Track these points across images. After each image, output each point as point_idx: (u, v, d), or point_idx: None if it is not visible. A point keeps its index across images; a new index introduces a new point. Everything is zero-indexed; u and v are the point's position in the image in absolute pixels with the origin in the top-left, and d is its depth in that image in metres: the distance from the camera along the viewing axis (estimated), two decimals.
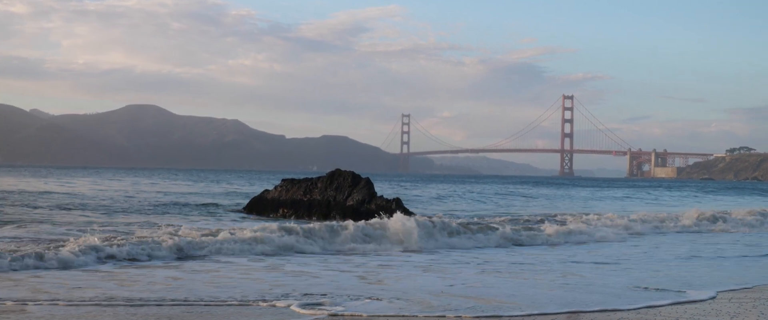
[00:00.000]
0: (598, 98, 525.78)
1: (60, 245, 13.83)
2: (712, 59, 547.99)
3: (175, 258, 14.14)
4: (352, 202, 26.54)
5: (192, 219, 25.85)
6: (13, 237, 16.91)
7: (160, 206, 32.50)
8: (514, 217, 28.66)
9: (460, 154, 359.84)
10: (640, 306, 10.03)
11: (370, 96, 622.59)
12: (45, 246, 13.79)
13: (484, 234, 19.62)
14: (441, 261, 15.22)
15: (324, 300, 9.91)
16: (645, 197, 65.46)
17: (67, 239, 15.14)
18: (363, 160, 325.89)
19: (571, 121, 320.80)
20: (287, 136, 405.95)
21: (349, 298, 10.14)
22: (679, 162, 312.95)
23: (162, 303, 9.55)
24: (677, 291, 11.43)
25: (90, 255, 13.24)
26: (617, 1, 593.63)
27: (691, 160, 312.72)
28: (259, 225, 17.29)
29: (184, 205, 33.64)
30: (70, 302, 9.50)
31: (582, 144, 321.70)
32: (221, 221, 25.22)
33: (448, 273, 13.11)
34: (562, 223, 23.98)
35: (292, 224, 17.71)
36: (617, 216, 27.10)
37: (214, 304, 9.61)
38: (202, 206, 33.34)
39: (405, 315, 9.14)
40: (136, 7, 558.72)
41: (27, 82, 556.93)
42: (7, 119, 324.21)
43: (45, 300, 9.60)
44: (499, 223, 22.81)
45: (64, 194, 39.93)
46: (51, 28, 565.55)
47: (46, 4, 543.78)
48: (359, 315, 9.07)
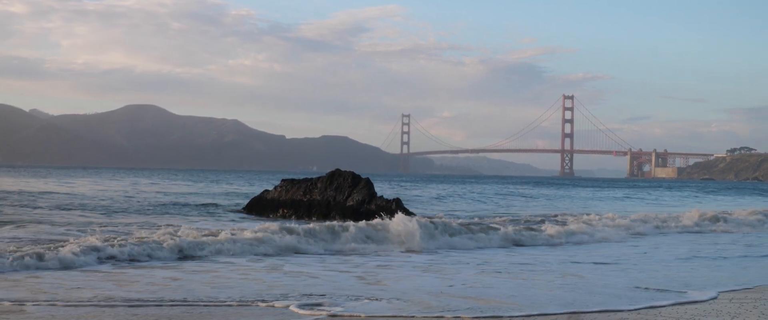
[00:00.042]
0: (599, 98, 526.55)
1: (59, 245, 13.79)
2: (712, 59, 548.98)
3: (174, 258, 14.12)
4: (352, 203, 26.50)
5: (191, 219, 25.82)
6: (13, 237, 16.85)
7: (160, 206, 32.47)
8: (515, 218, 28.61)
9: (460, 154, 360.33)
10: (640, 307, 10.01)
11: (370, 96, 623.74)
12: (44, 247, 13.74)
13: (486, 235, 19.60)
14: (440, 261, 15.19)
15: (323, 301, 9.89)
16: (645, 197, 65.39)
17: (67, 239, 15.11)
18: (363, 160, 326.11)
19: (571, 121, 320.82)
20: (287, 136, 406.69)
21: (348, 299, 10.12)
22: (679, 162, 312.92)
23: (161, 304, 9.54)
24: (678, 292, 11.41)
25: (89, 255, 13.22)
26: (617, 1, 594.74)
27: (692, 160, 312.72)
28: (259, 226, 17.24)
29: (184, 205, 33.61)
30: (68, 302, 9.49)
31: (582, 144, 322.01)
32: (221, 221, 25.19)
33: (448, 274, 13.08)
34: (562, 224, 23.93)
35: (293, 224, 17.69)
36: (618, 217, 27.04)
37: (213, 304, 9.59)
38: (202, 206, 33.31)
39: (403, 316, 9.12)
40: (135, 7, 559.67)
41: (27, 82, 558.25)
42: (6, 119, 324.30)
43: (44, 300, 9.57)
44: (500, 224, 22.76)
45: (63, 194, 39.91)
46: (51, 28, 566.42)
47: (46, 4, 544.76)
48: (358, 316, 9.04)
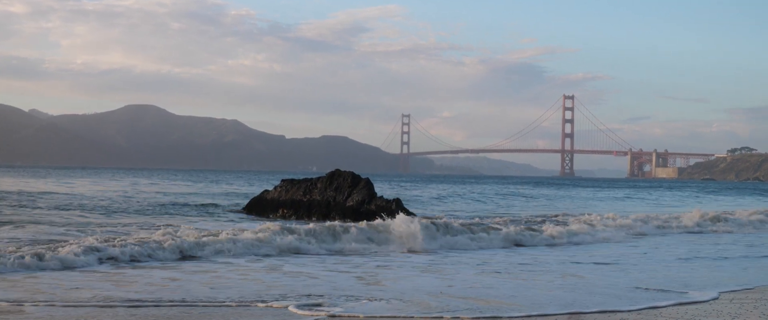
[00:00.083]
0: (599, 98, 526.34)
1: (59, 246, 13.76)
2: (712, 59, 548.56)
3: (174, 259, 14.08)
4: (351, 203, 26.47)
5: (191, 219, 25.79)
6: (12, 237, 16.82)
7: (159, 206, 32.44)
8: (515, 218, 28.57)
9: (461, 154, 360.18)
10: (641, 307, 9.98)
11: (369, 96, 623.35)
12: (44, 247, 13.70)
13: (487, 235, 19.56)
14: (440, 261, 15.15)
15: (322, 301, 9.86)
16: (646, 197, 65.36)
17: (66, 240, 15.09)
18: (363, 160, 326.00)
19: (571, 121, 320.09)
20: (287, 136, 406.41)
21: (347, 299, 10.08)
22: (680, 162, 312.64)
23: (160, 304, 9.52)
24: (679, 292, 11.38)
25: (89, 255, 13.18)
26: (617, 1, 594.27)
27: (692, 161, 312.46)
28: (260, 226, 17.17)
29: (183, 206, 33.59)
30: (67, 303, 9.46)
31: (582, 144, 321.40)
32: (220, 222, 25.17)
33: (448, 274, 13.05)
34: (563, 224, 23.90)
35: (294, 225, 17.65)
36: (618, 217, 27.00)
37: (213, 305, 9.57)
38: (201, 206, 33.28)
39: (403, 316, 9.08)
40: (134, 7, 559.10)
41: (26, 82, 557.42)
42: (5, 119, 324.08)
43: (42, 301, 9.54)
44: (501, 224, 22.73)
45: (63, 194, 39.88)
46: (50, 28, 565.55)
47: (45, 4, 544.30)
48: (356, 316, 9.01)
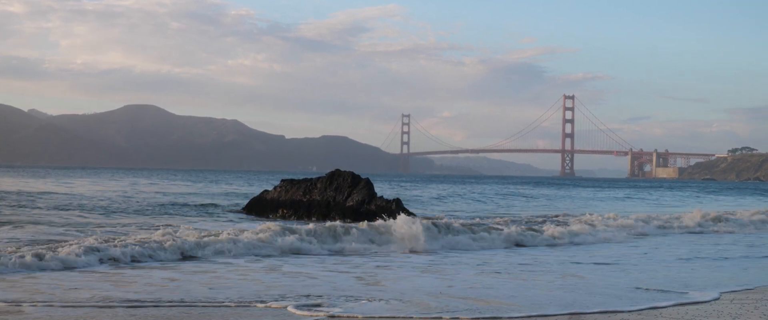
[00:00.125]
0: (599, 98, 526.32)
1: (58, 246, 13.74)
2: (712, 59, 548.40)
3: (173, 259, 14.05)
4: (351, 203, 26.44)
5: (190, 219, 25.76)
6: (11, 238, 16.79)
7: (159, 206, 32.41)
8: (515, 218, 28.54)
9: (461, 155, 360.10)
10: (641, 308, 9.94)
11: (369, 96, 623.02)
12: (44, 247, 13.67)
13: (488, 235, 19.52)
14: (440, 261, 15.12)
15: (321, 301, 9.83)
16: (646, 197, 65.34)
17: (66, 240, 15.07)
18: (363, 160, 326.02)
19: (571, 121, 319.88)
20: (287, 136, 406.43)
21: (347, 299, 10.05)
22: (680, 162, 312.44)
23: (159, 304, 9.49)
24: (679, 292, 11.34)
25: (88, 256, 13.14)
26: (617, 1, 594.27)
27: (693, 161, 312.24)
28: (260, 226, 17.12)
29: (183, 206, 33.55)
30: (66, 303, 9.43)
31: (583, 144, 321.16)
32: (219, 222, 25.14)
33: (448, 274, 13.02)
34: (563, 224, 23.87)
35: (295, 225, 17.61)
36: (619, 217, 26.97)
37: (212, 305, 9.54)
38: (201, 207, 33.24)
39: (402, 316, 9.05)
40: (134, 7, 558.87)
41: (25, 82, 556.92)
42: (5, 119, 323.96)
43: (41, 301, 9.51)
44: (502, 224, 22.71)
45: (62, 194, 39.85)
46: (49, 28, 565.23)
47: (45, 4, 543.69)
48: (355, 317, 8.98)
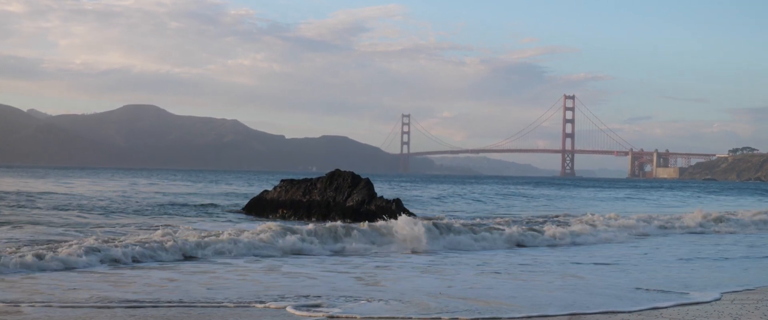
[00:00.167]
0: (599, 98, 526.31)
1: (58, 246, 13.72)
2: (712, 59, 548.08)
3: (173, 259, 14.01)
4: (351, 203, 26.40)
5: (190, 219, 25.72)
6: (10, 238, 16.75)
7: (158, 207, 32.36)
8: (516, 218, 28.51)
9: (461, 155, 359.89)
10: (642, 308, 9.90)
11: (370, 96, 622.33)
12: (43, 248, 13.65)
13: (490, 235, 19.49)
14: (440, 262, 15.09)
15: (320, 302, 9.80)
16: (647, 198, 65.31)
17: (65, 240, 15.04)
18: (363, 160, 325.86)
19: (572, 121, 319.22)
20: (286, 137, 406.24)
21: (346, 300, 10.02)
22: (681, 162, 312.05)
23: (158, 305, 9.47)
24: (680, 293, 11.30)
25: (87, 256, 13.11)
26: (617, 1, 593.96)
27: (694, 161, 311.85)
28: (261, 227, 17.09)
29: (182, 206, 33.51)
30: (65, 304, 9.40)
31: (583, 144, 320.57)
32: (220, 222, 25.10)
33: (447, 275, 12.98)
34: (564, 224, 23.84)
35: (295, 226, 17.56)
36: (620, 217, 26.91)
37: (211, 306, 9.52)
38: (201, 207, 33.20)
39: (401, 317, 9.02)
40: (134, 7, 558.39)
41: (24, 82, 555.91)
42: (4, 119, 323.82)
43: (40, 301, 9.49)
44: (503, 224, 22.69)
45: (61, 194, 39.81)
46: (48, 28, 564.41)
47: (44, 4, 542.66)
48: (354, 317, 8.96)
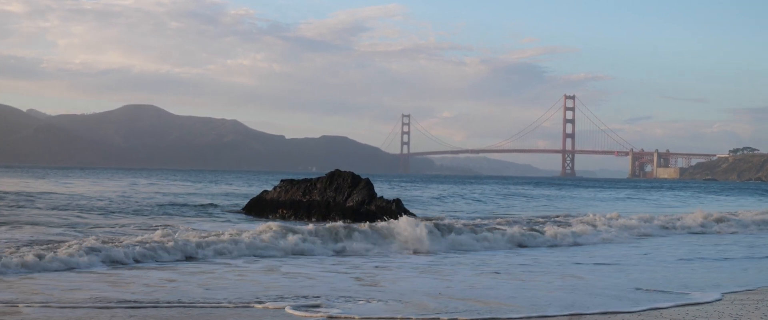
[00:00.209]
0: (600, 98, 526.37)
1: (58, 247, 13.70)
2: (712, 59, 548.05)
3: (172, 260, 13.98)
4: (351, 203, 26.37)
5: (189, 220, 25.69)
6: (9, 238, 16.72)
7: (158, 207, 32.32)
8: (516, 219, 28.47)
9: (461, 155, 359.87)
10: (642, 309, 9.87)
11: (370, 96, 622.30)
12: (42, 248, 13.63)
13: (491, 234, 19.47)
14: (440, 262, 15.06)
15: (319, 302, 9.78)
16: (647, 198, 65.28)
17: (64, 240, 15.03)
18: (363, 160, 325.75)
19: (572, 121, 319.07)
20: (286, 137, 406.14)
21: (345, 300, 10.00)
22: (681, 162, 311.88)
23: (157, 305, 9.46)
24: (681, 293, 11.27)
25: (86, 256, 13.08)
26: (617, 1, 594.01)
27: (694, 161, 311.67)
28: (261, 227, 17.06)
29: (182, 206, 33.47)
30: (63, 304, 9.38)
31: (584, 144, 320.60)
32: (219, 222, 25.07)
33: (447, 275, 12.96)
34: (565, 225, 23.81)
35: (296, 226, 17.53)
36: (621, 218, 26.87)
37: (210, 306, 9.50)
38: (200, 207, 33.16)
39: (399, 317, 8.99)
40: (133, 6, 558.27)
41: (24, 82, 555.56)
42: (4, 119, 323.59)
43: (38, 302, 9.46)
44: (503, 225, 22.66)
45: (61, 195, 39.76)
46: (48, 28, 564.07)
47: (43, 3, 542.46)
48: (353, 317, 8.94)
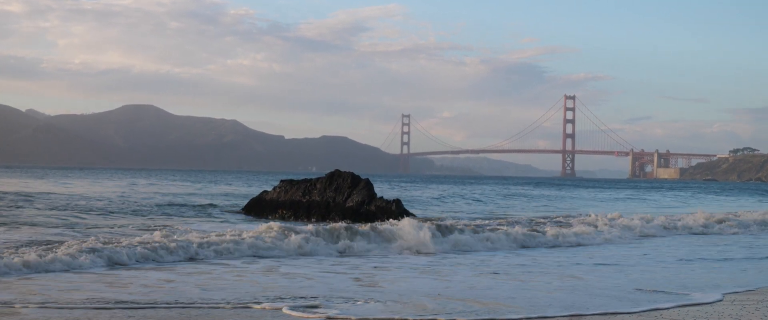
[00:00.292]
0: (600, 98, 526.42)
1: (55, 247, 13.67)
2: (712, 59, 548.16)
3: (171, 260, 13.94)
4: (351, 203, 26.34)
5: (188, 220, 25.64)
6: (8, 239, 16.68)
7: (157, 207, 32.28)
8: (517, 219, 28.43)
9: (461, 155, 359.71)
10: (643, 309, 9.84)
11: (370, 96, 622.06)
12: (42, 248, 13.60)
13: (493, 234, 19.44)
14: (439, 263, 15.02)
15: (317, 303, 9.75)
16: (647, 198, 65.27)
17: (63, 241, 14.99)
18: (363, 160, 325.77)
19: (572, 121, 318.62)
20: (286, 137, 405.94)
21: (343, 301, 9.97)
22: (681, 163, 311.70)
23: (155, 306, 9.43)
24: (681, 294, 11.24)
25: (85, 257, 13.04)
26: (617, 1, 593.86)
27: (694, 161, 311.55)
28: (261, 227, 17.02)
29: (181, 206, 33.43)
30: (61, 304, 9.35)
31: (584, 144, 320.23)
32: (218, 223, 25.03)
33: (446, 276, 12.92)
34: (566, 225, 23.79)
35: (296, 227, 17.50)
36: (621, 218, 26.84)
37: (208, 307, 9.48)
38: (200, 207, 33.11)
39: (398, 318, 8.96)
40: (133, 6, 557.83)
41: (23, 81, 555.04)
42: (3, 119, 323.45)
43: (35, 302, 9.43)
44: (504, 225, 22.63)
45: (60, 195, 39.70)
46: (47, 28, 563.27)
47: (43, 3, 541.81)
48: (350, 318, 8.91)
